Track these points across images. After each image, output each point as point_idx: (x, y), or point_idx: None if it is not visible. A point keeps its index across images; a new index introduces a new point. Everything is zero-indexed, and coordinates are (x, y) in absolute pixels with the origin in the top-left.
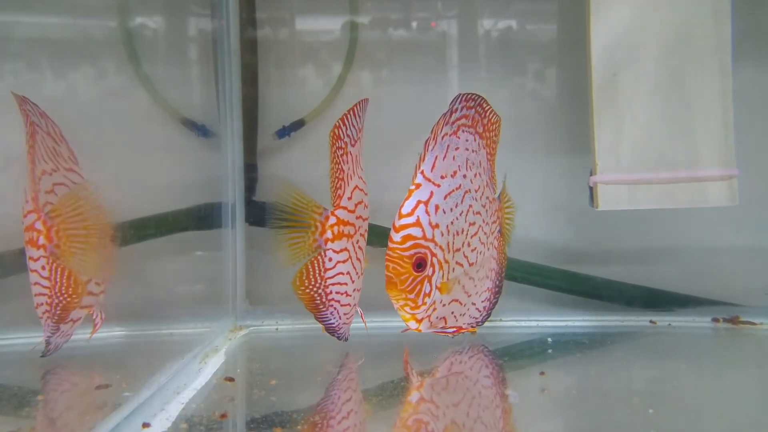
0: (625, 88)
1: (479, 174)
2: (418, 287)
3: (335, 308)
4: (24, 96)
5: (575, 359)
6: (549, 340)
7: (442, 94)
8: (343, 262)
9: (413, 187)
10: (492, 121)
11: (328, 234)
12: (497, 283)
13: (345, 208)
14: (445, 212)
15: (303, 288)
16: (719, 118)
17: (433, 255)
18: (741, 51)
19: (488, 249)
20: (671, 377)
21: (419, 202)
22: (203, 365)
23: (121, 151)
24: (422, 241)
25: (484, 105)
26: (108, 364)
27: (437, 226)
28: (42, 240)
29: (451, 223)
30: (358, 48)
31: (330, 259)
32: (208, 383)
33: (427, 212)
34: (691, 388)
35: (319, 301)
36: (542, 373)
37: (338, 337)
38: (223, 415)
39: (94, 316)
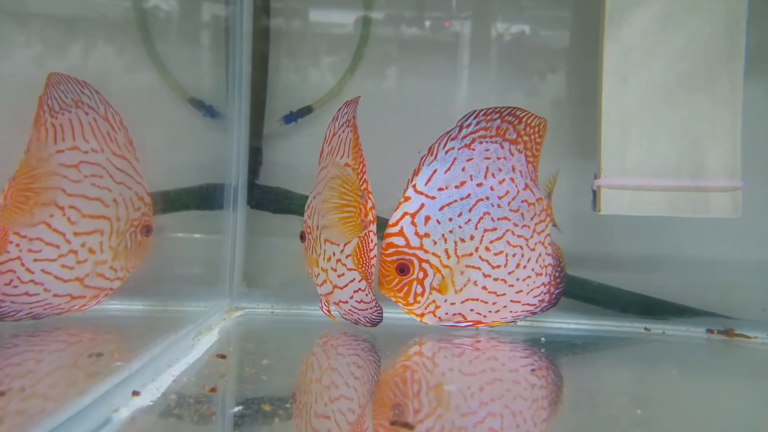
0: (635, 93)
1: (510, 179)
2: (407, 288)
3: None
4: (85, 81)
5: (567, 359)
6: (542, 339)
7: (450, 92)
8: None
9: (402, 200)
10: (531, 124)
11: (370, 216)
12: (556, 275)
13: (371, 193)
14: (440, 222)
15: (359, 266)
16: (727, 128)
17: (423, 261)
18: (753, 64)
19: (531, 250)
20: (661, 382)
21: (405, 214)
22: (196, 342)
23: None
24: (405, 249)
25: (518, 113)
26: (102, 334)
27: (427, 235)
28: (1, 200)
29: (450, 231)
30: (370, 42)
31: (372, 240)
32: (200, 359)
33: (413, 223)
34: (680, 393)
35: (370, 280)
36: (533, 371)
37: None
38: (213, 390)
39: (92, 299)
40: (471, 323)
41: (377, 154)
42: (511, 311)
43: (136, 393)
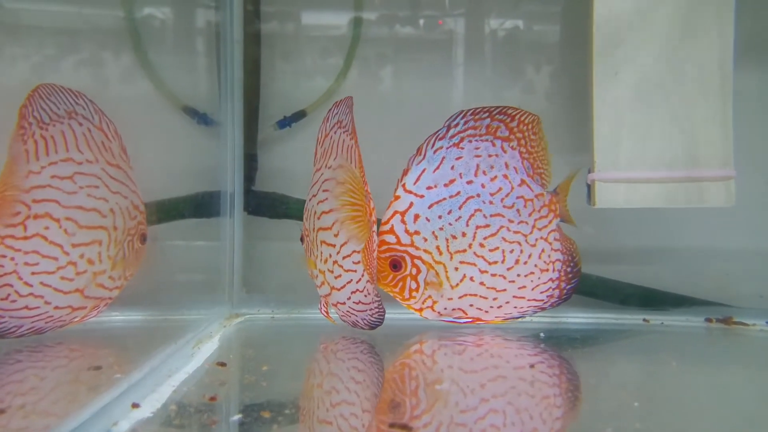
0: (625, 86)
1: (503, 176)
2: (401, 283)
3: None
4: (80, 91)
5: (567, 354)
6: (541, 335)
7: (445, 91)
8: None
9: (393, 198)
10: (525, 122)
11: (374, 216)
12: (567, 270)
13: (371, 194)
14: (429, 220)
15: (367, 267)
16: (718, 118)
17: (414, 257)
18: (744, 53)
19: (532, 246)
20: (659, 373)
21: (395, 212)
22: (196, 350)
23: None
24: (397, 246)
25: (510, 111)
26: (103, 347)
27: (416, 233)
28: None
29: (440, 228)
30: (363, 43)
31: (375, 241)
32: (201, 368)
33: (403, 221)
34: (678, 384)
35: (375, 281)
36: (532, 366)
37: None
38: (213, 398)
39: (93, 309)
40: (471, 319)
41: (373, 154)
42: (515, 307)
43: (135, 405)
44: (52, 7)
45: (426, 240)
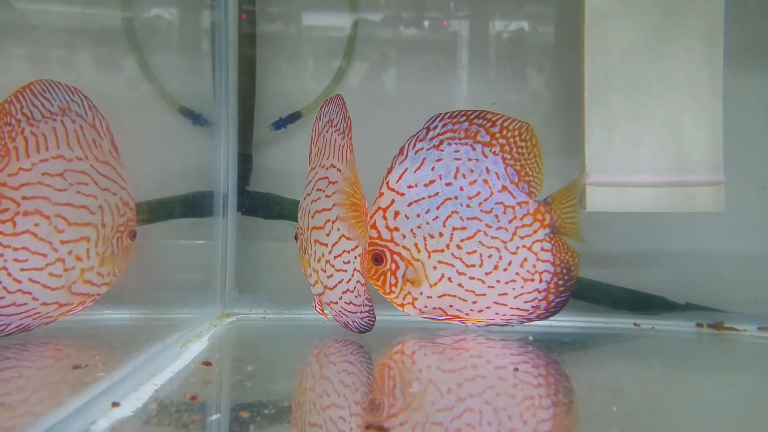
0: (616, 90)
1: (483, 181)
2: (382, 277)
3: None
4: (75, 87)
5: (555, 357)
6: (530, 338)
7: (440, 93)
8: None
9: (377, 195)
10: (509, 128)
11: (368, 217)
12: (559, 283)
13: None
14: (408, 217)
15: (364, 269)
16: (708, 123)
17: (394, 253)
18: (737, 58)
19: (512, 253)
20: (643, 378)
21: (378, 208)
22: (184, 350)
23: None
24: (378, 241)
25: (489, 116)
26: (89, 345)
27: (396, 229)
28: None
29: (418, 227)
30: (360, 45)
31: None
32: (186, 367)
33: (384, 217)
34: (662, 388)
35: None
36: (516, 369)
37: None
38: (194, 398)
39: (79, 305)
40: (451, 317)
41: (369, 156)
42: (497, 313)
43: (115, 404)
44: (49, 6)
45: (405, 237)
